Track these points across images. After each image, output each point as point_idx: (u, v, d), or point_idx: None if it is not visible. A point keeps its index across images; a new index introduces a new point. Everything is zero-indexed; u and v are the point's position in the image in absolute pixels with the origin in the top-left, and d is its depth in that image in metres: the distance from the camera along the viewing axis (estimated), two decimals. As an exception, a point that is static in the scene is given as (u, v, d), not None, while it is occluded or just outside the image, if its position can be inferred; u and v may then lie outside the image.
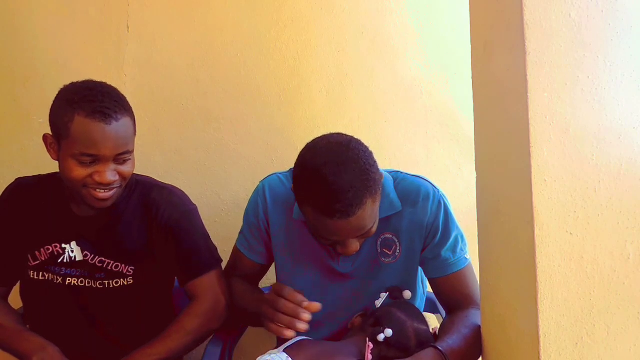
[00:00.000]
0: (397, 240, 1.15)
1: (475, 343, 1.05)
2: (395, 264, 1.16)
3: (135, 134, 1.14)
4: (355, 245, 1.04)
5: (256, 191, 1.26)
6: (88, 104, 1.04)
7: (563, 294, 0.99)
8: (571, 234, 1.00)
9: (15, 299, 1.26)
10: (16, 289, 1.26)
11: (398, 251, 1.15)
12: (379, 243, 1.16)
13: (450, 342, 1.00)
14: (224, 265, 1.29)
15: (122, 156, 1.09)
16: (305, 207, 1.01)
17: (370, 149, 1.06)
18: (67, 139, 1.05)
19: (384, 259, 1.16)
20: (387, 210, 1.12)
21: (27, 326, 1.23)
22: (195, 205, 1.27)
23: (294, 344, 1.03)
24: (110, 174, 1.07)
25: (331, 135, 1.05)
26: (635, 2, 1.02)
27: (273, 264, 1.30)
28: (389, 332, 1.01)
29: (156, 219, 1.18)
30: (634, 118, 1.02)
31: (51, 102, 1.15)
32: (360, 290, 1.18)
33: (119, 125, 1.06)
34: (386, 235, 1.15)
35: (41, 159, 1.19)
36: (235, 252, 1.29)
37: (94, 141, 1.04)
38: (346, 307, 1.19)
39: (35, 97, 1.59)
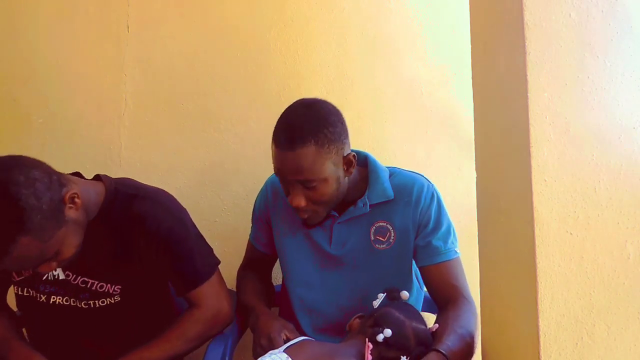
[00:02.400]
0: (391, 228, 1.20)
1: (471, 342, 1.07)
2: (389, 251, 1.20)
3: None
4: (299, 197, 1.11)
5: (263, 187, 1.36)
6: None
7: (563, 294, 0.99)
8: (571, 234, 1.00)
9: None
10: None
11: (392, 238, 1.20)
12: (372, 231, 1.21)
13: (450, 344, 1.01)
14: (226, 263, 1.29)
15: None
16: (272, 145, 1.13)
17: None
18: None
19: (378, 245, 1.20)
20: (379, 197, 1.19)
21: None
22: (183, 208, 1.19)
23: (294, 344, 1.03)
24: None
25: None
26: (635, 2, 1.02)
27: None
28: (388, 332, 1.01)
29: (142, 233, 1.08)
30: (634, 118, 1.02)
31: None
32: (357, 276, 1.21)
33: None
34: (380, 223, 1.20)
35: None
36: (248, 243, 1.38)
37: None
38: (349, 295, 1.22)
39: (35, 97, 1.58)
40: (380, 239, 1.20)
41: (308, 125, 1.08)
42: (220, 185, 1.65)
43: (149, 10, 1.64)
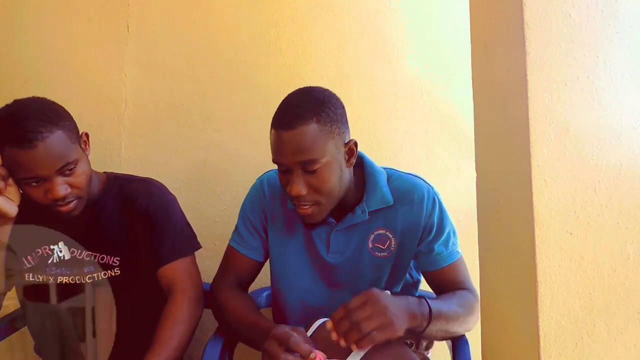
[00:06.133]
0: (391, 236, 1.18)
1: (464, 314, 1.08)
2: (389, 259, 1.19)
3: (76, 142, 1.12)
4: (299, 184, 1.05)
5: (254, 187, 1.28)
6: (9, 133, 1.04)
7: (563, 294, 0.99)
8: (571, 234, 1.00)
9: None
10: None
11: (393, 246, 1.18)
12: (370, 239, 1.18)
13: (437, 303, 1.02)
14: (210, 261, 1.29)
15: (65, 168, 1.08)
16: (270, 132, 1.09)
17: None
18: (7, 168, 1.08)
19: (378, 253, 1.18)
20: (379, 203, 1.16)
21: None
22: (173, 195, 1.28)
23: (317, 328, 1.05)
24: (61, 188, 1.08)
25: None
26: (635, 2, 1.02)
27: (262, 270, 1.31)
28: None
29: (134, 209, 1.21)
30: (634, 118, 1.02)
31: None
32: (355, 282, 1.19)
33: (47, 144, 1.05)
34: (379, 232, 1.18)
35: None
36: (229, 251, 1.27)
37: (25, 167, 1.05)
38: (346, 300, 1.19)
39: (35, 97, 1.59)
40: (380, 246, 1.18)
41: (309, 105, 1.05)
42: (220, 186, 1.66)
43: (149, 10, 1.64)
